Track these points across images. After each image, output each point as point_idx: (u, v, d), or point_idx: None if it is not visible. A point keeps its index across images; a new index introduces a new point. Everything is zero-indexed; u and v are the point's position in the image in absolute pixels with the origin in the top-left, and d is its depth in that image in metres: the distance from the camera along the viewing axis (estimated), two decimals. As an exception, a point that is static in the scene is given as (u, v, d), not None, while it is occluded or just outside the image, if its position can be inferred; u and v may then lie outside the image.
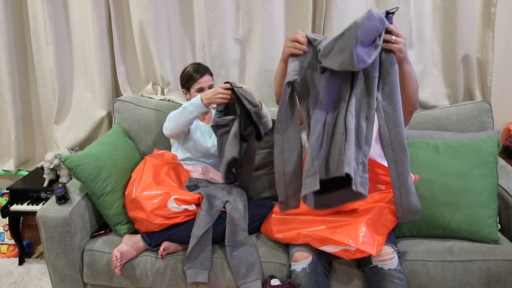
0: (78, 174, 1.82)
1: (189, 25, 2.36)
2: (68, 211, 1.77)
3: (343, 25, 2.15)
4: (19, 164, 2.63)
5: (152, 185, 1.80)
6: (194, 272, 1.71)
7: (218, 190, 1.92)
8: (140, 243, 1.79)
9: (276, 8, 2.20)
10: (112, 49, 2.40)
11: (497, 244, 1.70)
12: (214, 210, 1.78)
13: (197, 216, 1.76)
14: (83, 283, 1.87)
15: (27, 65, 2.52)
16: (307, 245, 1.62)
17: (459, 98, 2.27)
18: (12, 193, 2.31)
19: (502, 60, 2.24)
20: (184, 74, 2.08)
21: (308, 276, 1.57)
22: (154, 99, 2.39)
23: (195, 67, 2.06)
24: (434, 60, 2.27)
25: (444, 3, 2.17)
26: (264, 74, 2.32)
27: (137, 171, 1.91)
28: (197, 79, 2.02)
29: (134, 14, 2.28)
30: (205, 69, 2.07)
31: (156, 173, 1.89)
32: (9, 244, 2.54)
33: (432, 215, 1.75)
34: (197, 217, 1.76)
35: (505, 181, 1.88)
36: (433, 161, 1.81)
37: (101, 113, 2.45)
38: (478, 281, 1.62)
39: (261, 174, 2.20)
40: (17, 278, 2.30)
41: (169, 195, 1.76)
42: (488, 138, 1.82)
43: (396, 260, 1.54)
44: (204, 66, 2.10)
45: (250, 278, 1.68)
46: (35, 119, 2.62)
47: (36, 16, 2.33)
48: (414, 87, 1.59)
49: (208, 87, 2.03)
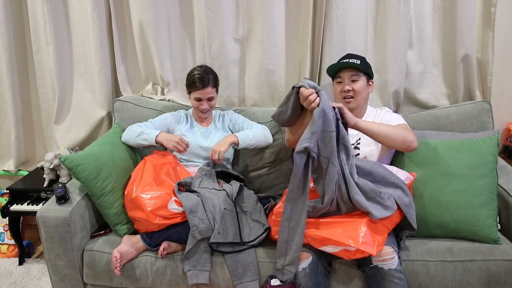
0: (78, 174, 1.82)
1: (189, 25, 2.36)
2: (68, 211, 1.77)
3: (343, 25, 2.17)
4: (19, 164, 2.64)
5: (152, 185, 1.80)
6: (195, 273, 1.71)
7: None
8: (140, 243, 1.79)
9: (276, 8, 2.21)
10: (112, 49, 2.40)
11: (497, 244, 1.70)
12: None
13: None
14: (83, 283, 1.87)
15: (27, 65, 2.52)
16: (307, 245, 1.62)
17: (459, 98, 2.27)
18: (12, 193, 2.31)
19: (502, 60, 2.24)
20: (189, 77, 2.04)
21: (308, 276, 1.57)
22: (154, 99, 2.39)
23: (201, 76, 1.99)
24: (434, 60, 2.27)
25: (444, 3, 2.17)
26: (264, 74, 2.32)
27: (136, 171, 1.91)
28: (198, 89, 2.00)
29: (134, 14, 2.28)
30: (209, 81, 2.00)
31: (156, 173, 1.89)
32: (9, 244, 2.54)
33: (432, 215, 1.75)
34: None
35: (505, 181, 1.88)
36: (433, 161, 1.81)
37: (101, 113, 2.45)
38: (478, 281, 1.62)
39: (259, 174, 2.20)
40: (17, 278, 2.30)
41: (170, 196, 1.76)
42: (488, 138, 1.82)
43: (396, 260, 1.54)
44: (209, 76, 2.01)
45: (246, 279, 1.68)
46: (35, 119, 2.62)
47: (36, 16, 2.33)
48: (384, 134, 1.69)
49: (207, 99, 2.02)
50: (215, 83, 2.04)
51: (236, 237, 1.73)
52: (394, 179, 1.67)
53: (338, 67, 1.93)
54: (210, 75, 2.02)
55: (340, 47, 2.21)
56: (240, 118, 2.18)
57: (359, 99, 1.91)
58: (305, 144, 1.48)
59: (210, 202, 1.77)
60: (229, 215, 1.75)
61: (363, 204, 1.54)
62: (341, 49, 2.20)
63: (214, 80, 2.04)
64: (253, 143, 2.02)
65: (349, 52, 2.20)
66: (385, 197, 1.58)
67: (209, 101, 2.04)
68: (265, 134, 2.09)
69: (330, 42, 2.20)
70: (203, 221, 1.71)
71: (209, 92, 2.01)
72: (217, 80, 2.08)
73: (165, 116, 2.17)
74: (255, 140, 2.02)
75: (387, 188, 1.65)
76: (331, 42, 2.20)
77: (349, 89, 1.89)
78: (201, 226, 1.69)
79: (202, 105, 2.04)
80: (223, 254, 1.73)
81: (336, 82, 1.97)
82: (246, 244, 1.73)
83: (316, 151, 1.51)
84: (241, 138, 2.00)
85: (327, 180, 1.54)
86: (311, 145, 1.48)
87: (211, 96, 2.03)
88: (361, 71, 1.90)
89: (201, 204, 1.76)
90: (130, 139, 2.07)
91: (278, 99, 2.38)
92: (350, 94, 1.90)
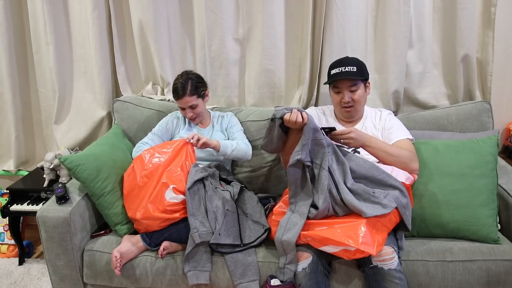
0: (77, 174, 1.82)
1: (189, 25, 2.36)
2: (68, 211, 1.77)
3: (343, 25, 2.17)
4: (19, 164, 2.64)
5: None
6: (195, 274, 1.71)
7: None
8: (140, 243, 1.79)
9: (276, 8, 2.21)
10: (112, 49, 2.40)
11: (497, 244, 1.70)
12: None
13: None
14: (83, 283, 1.87)
15: (27, 65, 2.52)
16: (307, 245, 1.62)
17: (459, 98, 2.27)
18: (12, 193, 2.31)
19: (502, 60, 2.24)
20: (172, 85, 2.03)
21: (308, 276, 1.57)
22: (153, 99, 2.39)
23: (178, 85, 1.98)
24: (434, 60, 2.27)
25: (444, 3, 2.17)
26: (264, 74, 2.32)
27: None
28: (177, 99, 2.01)
29: (134, 14, 2.28)
30: (186, 90, 1.96)
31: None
32: (9, 244, 2.54)
33: (432, 215, 1.75)
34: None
35: (505, 181, 1.88)
36: (433, 161, 1.81)
37: (101, 113, 2.45)
38: (478, 281, 1.62)
39: (259, 174, 2.20)
40: (17, 278, 2.30)
41: (166, 185, 1.76)
42: (488, 138, 1.82)
43: (396, 260, 1.54)
44: (187, 85, 1.97)
45: (246, 279, 1.68)
46: (35, 119, 2.62)
47: (36, 16, 2.33)
48: (390, 159, 1.75)
49: (189, 107, 2.01)
50: (195, 91, 1.99)
51: (236, 239, 1.73)
52: (391, 181, 1.67)
53: (335, 78, 1.89)
54: (188, 83, 1.98)
55: (340, 47, 2.21)
56: (237, 126, 2.16)
57: (359, 106, 1.91)
58: (297, 157, 1.59)
59: (213, 203, 1.77)
60: (231, 216, 1.75)
61: (354, 204, 1.56)
62: (341, 49, 2.20)
63: (194, 88, 1.99)
64: (232, 155, 2.00)
65: (349, 52, 2.20)
66: (380, 196, 1.60)
67: (192, 109, 2.02)
68: (247, 152, 2.05)
69: (330, 42, 2.20)
70: (204, 225, 1.71)
71: (188, 101, 1.99)
72: (199, 87, 2.02)
73: (164, 122, 2.15)
74: (235, 153, 1.99)
75: (385, 190, 1.65)
76: (331, 42, 2.20)
77: (349, 100, 1.89)
78: (201, 229, 1.70)
79: (187, 114, 2.04)
80: (223, 254, 1.73)
81: (334, 91, 1.94)
82: (246, 245, 1.74)
83: (309, 160, 1.61)
84: (223, 146, 1.96)
85: (320, 184, 1.61)
86: (303, 156, 1.59)
87: (192, 104, 2.01)
88: (358, 79, 1.88)
89: (204, 207, 1.77)
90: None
91: (278, 99, 2.39)
92: (350, 104, 1.90)
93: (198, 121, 2.12)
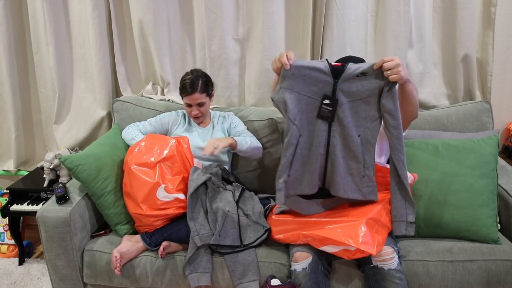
0: (78, 174, 1.82)
1: (189, 25, 2.36)
2: (68, 211, 1.77)
3: (343, 25, 2.17)
4: (19, 164, 2.64)
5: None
6: (197, 276, 1.71)
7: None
8: (140, 243, 1.79)
9: (276, 8, 2.21)
10: (112, 49, 2.40)
11: (497, 244, 1.70)
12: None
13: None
14: (83, 283, 1.87)
15: (27, 65, 2.52)
16: (307, 245, 1.62)
17: (459, 98, 2.27)
18: (12, 193, 2.31)
19: (502, 60, 2.24)
20: (181, 81, 2.03)
21: (308, 276, 1.57)
22: (153, 99, 2.39)
23: (190, 81, 1.97)
24: (434, 60, 2.27)
25: (444, 3, 2.17)
26: (264, 74, 2.32)
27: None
28: (186, 95, 1.99)
29: (134, 14, 2.28)
30: (197, 86, 1.97)
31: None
32: (9, 244, 2.54)
33: (432, 215, 1.75)
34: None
35: (505, 181, 1.88)
36: (433, 161, 1.81)
37: (101, 113, 2.45)
38: (478, 281, 1.62)
39: (259, 174, 2.20)
40: (17, 278, 2.30)
41: (158, 184, 1.76)
42: (488, 138, 1.82)
43: (396, 260, 1.54)
44: (198, 82, 1.98)
45: (246, 279, 1.68)
46: (35, 119, 2.62)
47: (36, 16, 2.33)
48: (414, 102, 1.65)
49: (196, 104, 2.01)
50: (205, 88, 2.00)
51: (236, 241, 1.73)
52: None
53: None
54: (199, 80, 1.98)
55: (340, 47, 2.21)
56: (241, 125, 2.15)
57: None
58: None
59: (214, 204, 1.78)
60: (231, 218, 1.75)
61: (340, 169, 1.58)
62: (341, 49, 2.20)
63: (205, 86, 2.00)
64: (247, 152, 2.00)
65: (349, 52, 2.20)
66: (365, 183, 1.61)
67: (199, 106, 2.02)
68: (259, 148, 2.07)
69: (330, 42, 2.20)
70: (204, 227, 1.72)
71: (198, 98, 1.99)
72: (209, 86, 2.03)
73: (163, 115, 2.17)
74: (250, 150, 2.00)
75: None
76: (331, 42, 2.20)
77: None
78: (202, 232, 1.70)
79: (193, 111, 2.03)
80: (223, 254, 1.73)
81: None
82: (246, 246, 1.74)
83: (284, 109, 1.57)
84: (239, 142, 1.97)
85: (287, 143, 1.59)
86: (276, 97, 1.57)
87: (201, 102, 2.01)
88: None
89: (204, 209, 1.77)
90: (126, 140, 2.11)
91: (278, 99, 2.39)
92: None
93: (201, 120, 2.12)
